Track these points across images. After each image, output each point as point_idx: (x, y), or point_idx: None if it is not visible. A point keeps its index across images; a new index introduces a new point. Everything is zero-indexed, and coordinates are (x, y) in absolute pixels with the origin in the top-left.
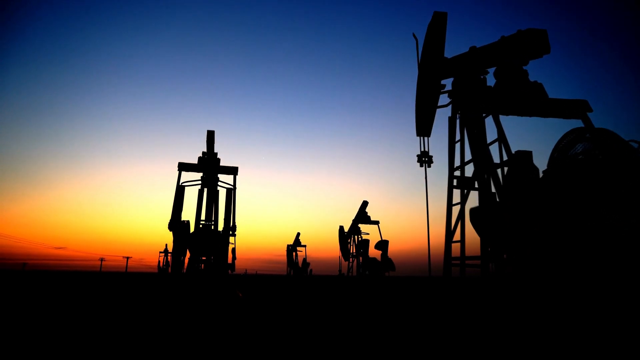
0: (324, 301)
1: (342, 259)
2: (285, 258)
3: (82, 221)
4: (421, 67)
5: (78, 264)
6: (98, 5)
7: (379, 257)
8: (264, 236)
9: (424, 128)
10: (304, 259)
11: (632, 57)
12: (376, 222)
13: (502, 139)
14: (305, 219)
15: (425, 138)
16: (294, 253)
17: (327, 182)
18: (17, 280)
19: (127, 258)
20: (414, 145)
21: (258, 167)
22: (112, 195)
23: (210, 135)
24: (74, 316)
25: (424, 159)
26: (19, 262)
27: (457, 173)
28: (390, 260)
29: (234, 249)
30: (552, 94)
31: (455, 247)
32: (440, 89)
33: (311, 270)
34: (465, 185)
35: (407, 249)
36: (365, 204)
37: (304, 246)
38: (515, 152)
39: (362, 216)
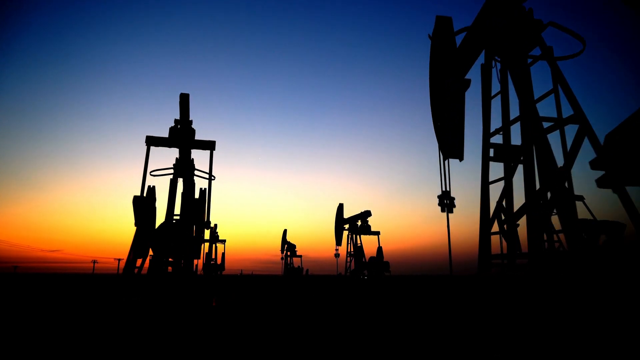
0: (322, 309)
1: (341, 255)
2: (281, 258)
3: (78, 223)
4: (432, 84)
5: (72, 266)
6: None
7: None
8: (261, 236)
9: (451, 147)
10: (300, 266)
11: None
12: (377, 233)
13: (562, 86)
14: (303, 219)
15: (447, 166)
16: (288, 252)
17: (327, 182)
18: (4, 284)
19: (119, 260)
20: (417, 143)
21: (257, 166)
22: (109, 197)
23: (184, 100)
24: None
25: (446, 202)
26: (11, 265)
27: (495, 139)
28: (386, 262)
29: (223, 254)
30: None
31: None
32: (465, 87)
33: (307, 270)
34: (508, 156)
35: (408, 248)
36: (367, 214)
37: (300, 256)
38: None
39: (363, 226)
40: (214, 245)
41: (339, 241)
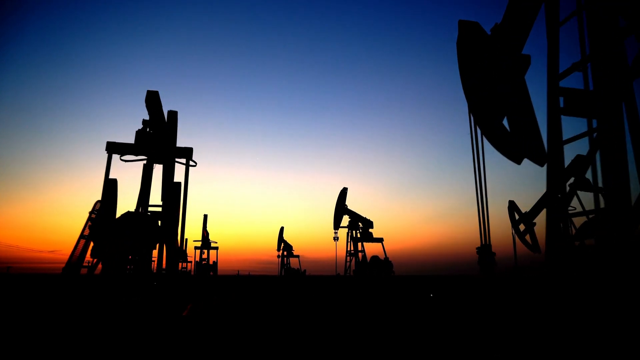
0: (327, 322)
1: (340, 255)
2: (277, 256)
3: (76, 223)
4: (470, 93)
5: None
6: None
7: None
8: (259, 237)
9: (526, 149)
10: (299, 268)
11: None
12: (380, 240)
13: None
14: (301, 220)
15: (486, 211)
16: (284, 253)
17: (325, 181)
18: None
19: None
20: (416, 142)
21: (254, 166)
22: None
23: (153, 99)
24: None
25: (487, 262)
26: (5, 266)
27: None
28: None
29: (215, 261)
30: None
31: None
32: (525, 67)
33: (305, 271)
34: (586, 106)
35: (409, 248)
36: (369, 224)
37: (297, 256)
38: None
39: (364, 233)
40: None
41: (336, 225)
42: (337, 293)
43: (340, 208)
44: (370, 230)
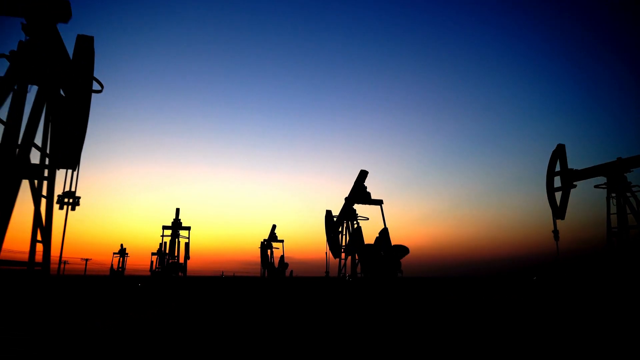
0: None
1: (331, 255)
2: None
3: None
4: None
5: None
6: None
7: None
8: (245, 236)
9: None
10: (281, 258)
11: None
12: (379, 202)
13: None
14: (293, 221)
15: None
16: (269, 250)
17: (320, 181)
18: None
19: (86, 260)
20: (411, 142)
21: (245, 166)
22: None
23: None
24: None
25: None
26: None
27: None
28: (402, 247)
29: (187, 244)
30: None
31: None
32: None
33: (292, 271)
34: None
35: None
36: (364, 174)
37: (281, 241)
38: None
39: (360, 193)
40: (176, 239)
41: (336, 252)
42: (331, 303)
43: (332, 230)
44: (367, 188)
